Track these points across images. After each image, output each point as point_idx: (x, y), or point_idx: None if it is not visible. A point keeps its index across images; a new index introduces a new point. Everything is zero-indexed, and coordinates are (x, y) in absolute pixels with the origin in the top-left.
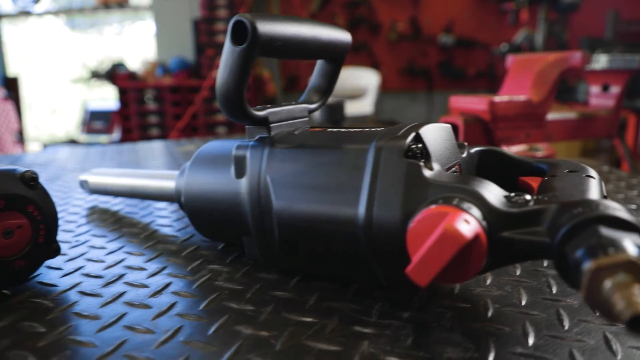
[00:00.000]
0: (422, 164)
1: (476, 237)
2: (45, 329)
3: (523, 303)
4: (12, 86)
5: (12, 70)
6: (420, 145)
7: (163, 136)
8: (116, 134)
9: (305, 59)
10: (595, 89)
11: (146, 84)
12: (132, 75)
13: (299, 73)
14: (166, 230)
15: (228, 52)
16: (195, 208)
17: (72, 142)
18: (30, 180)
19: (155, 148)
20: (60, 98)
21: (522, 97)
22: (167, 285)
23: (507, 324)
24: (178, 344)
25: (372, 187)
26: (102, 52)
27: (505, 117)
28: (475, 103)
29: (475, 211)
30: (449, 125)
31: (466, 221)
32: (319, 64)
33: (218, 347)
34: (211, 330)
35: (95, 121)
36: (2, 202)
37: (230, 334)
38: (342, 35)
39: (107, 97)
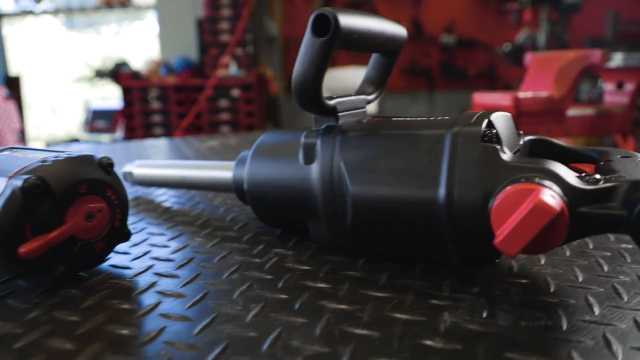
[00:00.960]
0: (498, 147)
1: (562, 211)
2: (135, 306)
3: (580, 279)
4: (13, 85)
5: (13, 70)
6: (494, 131)
7: (167, 135)
8: (119, 133)
9: (371, 52)
10: (609, 86)
11: (150, 83)
12: (135, 75)
13: None
14: (219, 218)
15: (308, 44)
16: (260, 195)
17: (75, 141)
18: (107, 166)
19: (178, 144)
20: (59, 98)
21: (544, 94)
22: (239, 267)
23: (570, 296)
24: (269, 318)
25: (450, 169)
26: (103, 52)
27: (529, 113)
28: (499, 99)
29: (556, 188)
30: (510, 114)
31: (552, 196)
32: (375, 57)
33: (309, 320)
34: (297, 306)
35: (97, 120)
36: (85, 186)
37: (316, 309)
38: (401, 30)
39: (109, 97)
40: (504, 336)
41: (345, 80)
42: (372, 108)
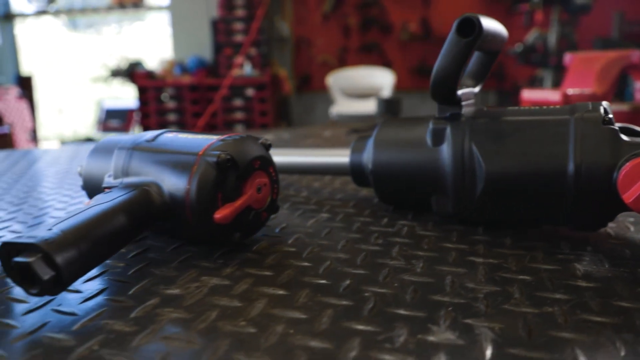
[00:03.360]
0: (617, 128)
1: None
2: (312, 264)
3: None
4: (26, 85)
5: (24, 70)
6: (610, 116)
7: None
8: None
9: (487, 51)
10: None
11: (165, 82)
12: (150, 74)
13: (310, 73)
14: (327, 198)
15: (453, 43)
16: (386, 175)
17: (89, 140)
18: (268, 147)
19: None
20: (66, 97)
21: (589, 90)
22: (378, 234)
23: None
24: (435, 269)
25: (577, 148)
26: (113, 51)
27: None
28: (548, 95)
29: None
30: (609, 104)
31: None
32: (478, 54)
33: (468, 270)
34: (450, 260)
35: (111, 120)
36: (258, 162)
37: (469, 262)
38: (506, 32)
39: (119, 96)
40: (631, 278)
41: (359, 79)
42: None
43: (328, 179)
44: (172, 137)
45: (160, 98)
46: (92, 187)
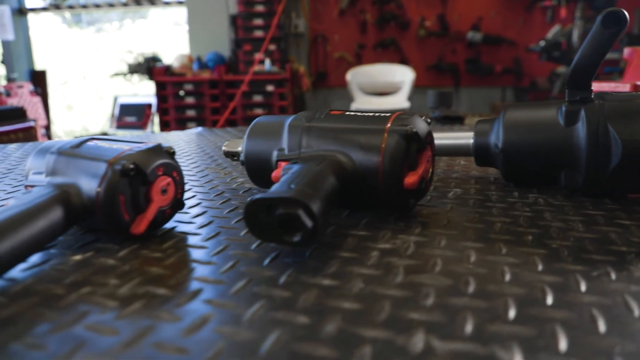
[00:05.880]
0: None
1: None
2: (483, 225)
3: None
4: (39, 81)
5: (37, 65)
6: None
7: None
8: (149, 130)
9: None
10: None
11: (184, 78)
12: (169, 70)
13: (327, 69)
14: (447, 178)
15: (598, 33)
16: (516, 154)
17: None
18: (429, 124)
19: None
20: (77, 94)
21: None
22: (522, 204)
23: None
24: (592, 229)
25: None
26: (129, 48)
27: None
28: (617, 87)
29: None
30: None
31: None
32: None
33: (622, 229)
34: (601, 222)
35: (126, 116)
36: (429, 137)
37: (617, 224)
38: None
39: (134, 92)
40: None
41: (373, 76)
42: (405, 104)
43: None
44: (343, 115)
45: (177, 94)
46: (256, 161)
